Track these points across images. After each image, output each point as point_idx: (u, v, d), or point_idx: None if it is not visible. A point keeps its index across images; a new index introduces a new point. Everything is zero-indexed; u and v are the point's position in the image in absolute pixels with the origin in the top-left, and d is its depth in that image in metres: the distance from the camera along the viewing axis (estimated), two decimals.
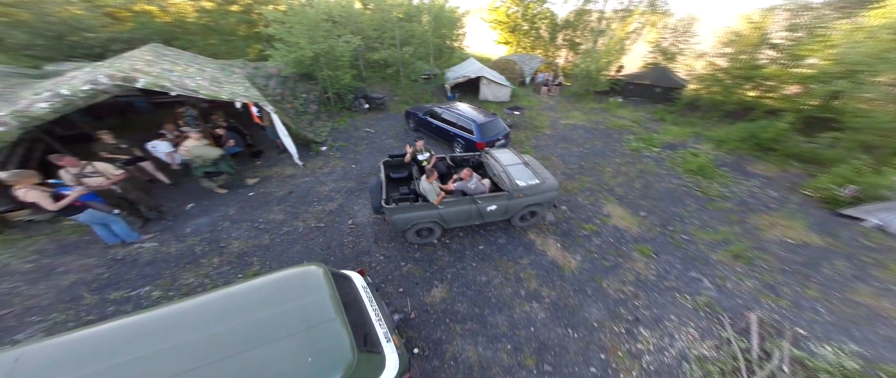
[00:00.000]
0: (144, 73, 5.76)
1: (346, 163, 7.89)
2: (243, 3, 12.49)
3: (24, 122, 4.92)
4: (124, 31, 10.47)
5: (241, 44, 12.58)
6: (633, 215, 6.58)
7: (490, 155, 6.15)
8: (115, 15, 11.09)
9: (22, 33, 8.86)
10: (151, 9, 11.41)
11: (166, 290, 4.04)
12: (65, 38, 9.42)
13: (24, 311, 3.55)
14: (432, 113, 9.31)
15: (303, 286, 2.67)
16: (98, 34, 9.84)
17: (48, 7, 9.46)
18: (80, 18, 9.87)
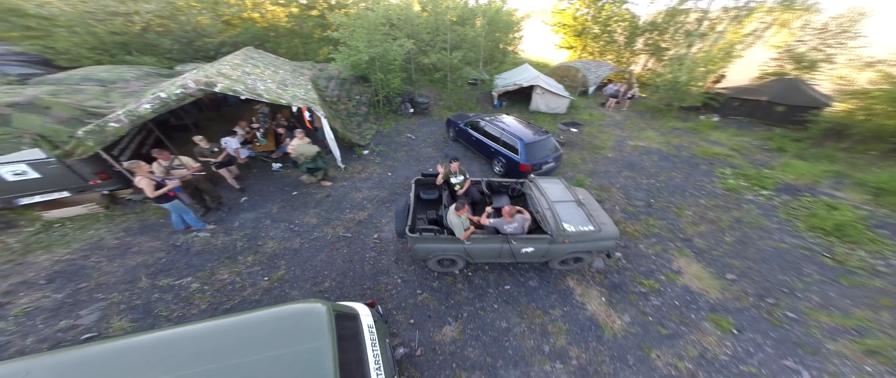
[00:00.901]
0: (226, 76, 6.28)
1: (383, 170, 7.77)
2: (321, 7, 13.29)
3: (133, 120, 5.69)
4: (232, 36, 12.01)
5: (315, 46, 13.50)
6: (714, 277, 5.14)
7: (535, 185, 5.31)
8: (229, 22, 12.79)
9: (168, 41, 10.72)
10: (254, 16, 12.88)
11: (203, 283, 4.30)
12: (192, 44, 11.13)
13: (96, 286, 4.10)
14: (473, 124, 8.60)
15: (302, 329, 2.46)
16: (214, 39, 11.44)
17: (187, 18, 11.29)
18: (205, 26, 11.57)
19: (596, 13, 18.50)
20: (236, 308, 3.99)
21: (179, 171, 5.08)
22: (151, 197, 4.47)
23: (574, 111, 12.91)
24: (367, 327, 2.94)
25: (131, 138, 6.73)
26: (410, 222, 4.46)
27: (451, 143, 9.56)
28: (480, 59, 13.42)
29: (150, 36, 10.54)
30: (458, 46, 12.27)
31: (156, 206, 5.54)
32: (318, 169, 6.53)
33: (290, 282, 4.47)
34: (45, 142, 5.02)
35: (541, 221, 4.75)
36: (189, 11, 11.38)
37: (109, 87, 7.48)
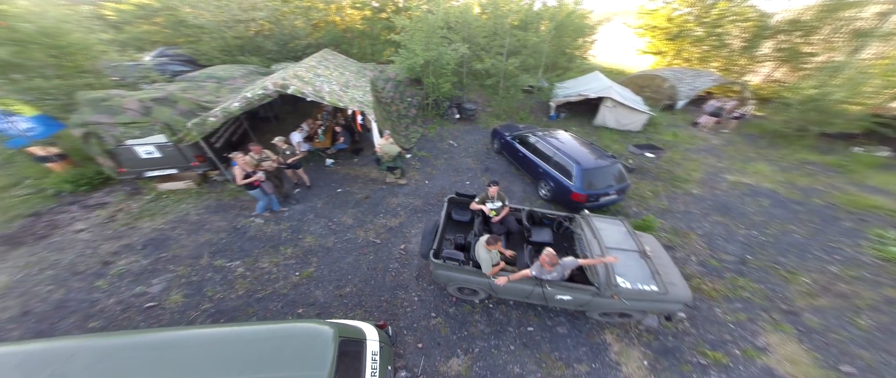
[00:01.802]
0: (300, 78, 6.65)
1: (422, 176, 7.53)
2: (390, 10, 13.49)
3: (226, 115, 6.46)
4: (317, 38, 13.04)
5: (381, 47, 13.85)
6: (820, 365, 3.83)
7: (588, 223, 4.43)
8: (316, 25, 13.89)
9: (270, 44, 12.18)
10: (336, 19, 13.77)
11: (247, 268, 4.64)
12: (287, 45, 12.43)
13: (171, 257, 4.74)
14: (522, 138, 7.63)
15: (303, 353, 2.35)
16: (302, 41, 12.58)
17: (287, 22, 12.63)
18: (297, 30, 12.78)
19: (701, 13, 15.01)
20: (266, 299, 4.19)
21: (267, 163, 5.50)
22: (239, 184, 4.95)
23: (653, 130, 10.79)
24: (371, 355, 2.75)
25: (226, 128, 7.71)
26: (436, 245, 4.09)
27: (494, 156, 8.81)
28: (541, 66, 12.08)
29: (259, 39, 12.06)
30: (516, 52, 11.21)
31: (232, 189, 6.26)
32: (397, 168, 6.70)
33: (317, 280, 4.55)
34: (168, 129, 5.99)
35: (588, 270, 3.91)
36: (289, 17, 12.70)
37: (222, 84, 8.68)
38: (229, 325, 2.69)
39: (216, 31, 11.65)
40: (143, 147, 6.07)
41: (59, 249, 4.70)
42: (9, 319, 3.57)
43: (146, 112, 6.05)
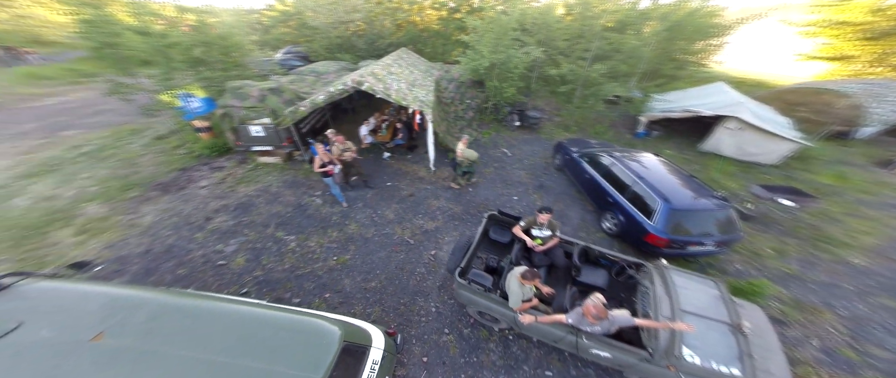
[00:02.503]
0: (375, 75, 6.81)
1: (467, 183, 6.96)
2: (464, 10, 12.91)
3: (313, 106, 7.10)
4: (398, 38, 13.45)
5: (451, 47, 13.42)
6: None
7: (663, 276, 3.48)
8: (400, 25, 14.33)
9: (361, 42, 13.15)
10: (416, 19, 13.93)
11: (298, 244, 5.03)
12: (373, 44, 13.20)
13: (249, 222, 5.45)
14: (593, 158, 6.28)
15: (303, 351, 2.29)
16: (386, 40, 13.16)
17: (377, 23, 13.42)
18: (383, 30, 13.43)
19: None
20: (304, 277, 4.44)
21: (347, 154, 5.68)
22: (316, 170, 5.26)
23: (800, 166, 7.89)
24: (371, 363, 2.59)
25: (312, 117, 8.53)
26: (464, 263, 3.68)
27: (553, 173, 7.64)
28: (635, 74, 9.91)
29: (353, 38, 13.11)
30: (605, 57, 9.40)
31: (307, 169, 6.92)
32: (470, 172, 6.53)
33: (350, 269, 4.63)
34: (272, 114, 6.93)
35: (643, 331, 3.03)
36: (379, 18, 13.43)
37: (319, 78, 9.68)
38: (255, 305, 2.81)
39: (325, 30, 13.10)
40: (254, 126, 7.17)
41: (185, 201, 5.92)
42: (136, 254, 4.60)
43: (262, 99, 7.10)
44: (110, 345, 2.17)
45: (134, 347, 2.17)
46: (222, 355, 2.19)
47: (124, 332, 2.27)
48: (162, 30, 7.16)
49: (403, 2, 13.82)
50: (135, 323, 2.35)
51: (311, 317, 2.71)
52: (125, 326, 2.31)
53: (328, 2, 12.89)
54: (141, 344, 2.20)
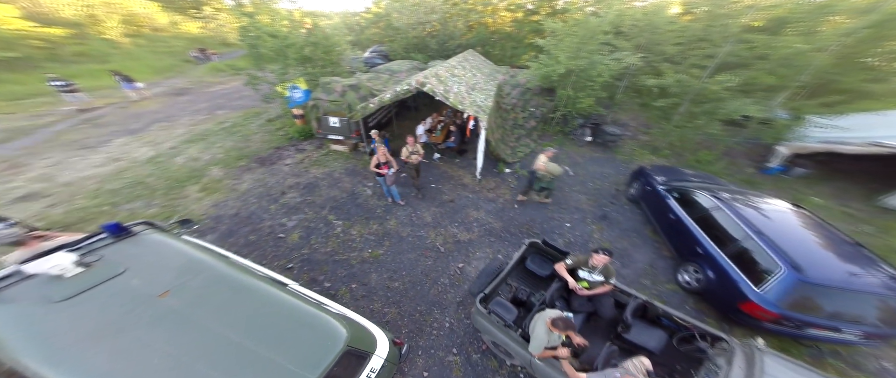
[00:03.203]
0: (438, 77, 6.64)
1: (512, 198, 6.27)
2: (543, 12, 11.46)
3: (380, 104, 7.35)
4: (468, 39, 12.95)
5: (521, 51, 12.18)
6: None
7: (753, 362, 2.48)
8: (471, 26, 13.76)
9: (434, 43, 13.17)
10: (488, 21, 13.13)
11: (342, 230, 5.26)
12: (444, 44, 13.05)
13: (310, 202, 5.95)
14: (686, 194, 4.80)
15: (307, 347, 2.23)
16: (456, 41, 12.83)
17: (451, 24, 13.22)
18: (454, 31, 13.10)
19: None
20: (339, 263, 4.59)
21: (415, 156, 5.39)
22: (371, 169, 5.16)
23: None
24: (369, 370, 2.46)
25: (380, 113, 8.86)
26: (490, 290, 3.26)
27: (622, 203, 6.27)
28: (789, 87, 7.22)
29: (427, 39, 13.21)
30: (739, 65, 7.15)
31: (366, 161, 7.26)
32: (550, 189, 5.86)
33: (379, 264, 4.63)
34: (348, 108, 7.49)
35: None
36: (453, 19, 13.17)
37: (393, 76, 10.06)
38: (285, 288, 2.83)
39: (405, 31, 13.56)
40: (332, 118, 7.85)
41: (272, 174, 6.86)
42: (228, 215, 5.46)
43: (343, 94, 7.71)
44: (168, 304, 2.35)
45: (181, 311, 2.32)
46: (241, 336, 2.22)
47: (181, 294, 2.44)
48: (286, 31, 8.37)
49: (477, 3, 13.26)
50: (191, 287, 2.51)
51: (326, 312, 2.63)
52: (184, 289, 2.48)
53: (412, 4, 13.24)
54: (188, 309, 2.35)
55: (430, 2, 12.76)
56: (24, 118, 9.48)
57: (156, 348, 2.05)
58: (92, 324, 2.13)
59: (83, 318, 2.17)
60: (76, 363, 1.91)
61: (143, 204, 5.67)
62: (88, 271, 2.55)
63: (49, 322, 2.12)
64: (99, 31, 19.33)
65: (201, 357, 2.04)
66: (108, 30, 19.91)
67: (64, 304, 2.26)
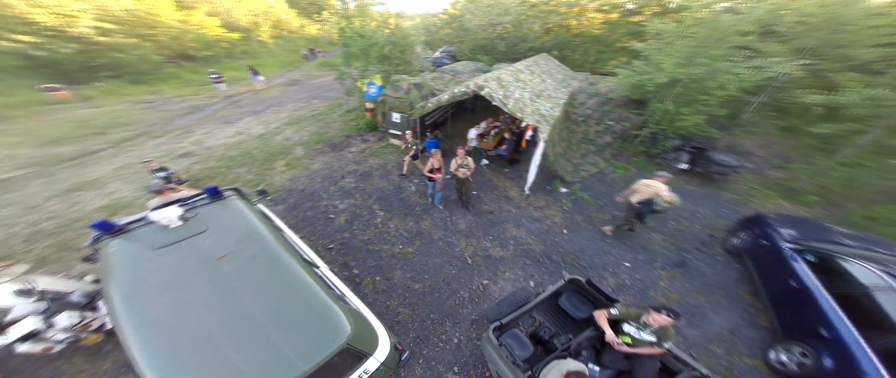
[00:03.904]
0: (499, 81, 6.19)
1: (562, 222, 5.38)
2: (648, 12, 9.25)
3: (438, 104, 7.26)
4: (542, 42, 11.58)
5: (610, 56, 10.16)
6: None
7: None
8: (549, 29, 12.26)
9: (503, 45, 12.31)
10: (572, 23, 11.44)
11: (382, 221, 5.37)
12: (514, 47, 12.04)
13: (362, 189, 6.24)
14: (825, 260, 3.42)
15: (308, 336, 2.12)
16: (527, 44, 11.64)
17: (525, 26, 12.11)
18: (527, 33, 11.91)
19: None
20: (371, 253, 4.65)
21: (463, 170, 4.93)
22: (425, 172, 5.01)
23: None
24: (362, 371, 2.34)
25: (437, 112, 8.76)
26: (508, 319, 2.86)
27: (714, 253, 4.77)
28: None
29: (496, 40, 12.43)
30: None
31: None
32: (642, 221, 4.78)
33: (405, 262, 4.54)
34: (409, 106, 7.67)
35: None
36: (529, 21, 11.99)
37: (455, 77, 9.88)
38: (310, 270, 2.70)
39: (475, 32, 13.07)
40: (395, 114, 8.14)
41: (338, 159, 7.51)
42: (297, 190, 6.13)
43: (407, 92, 7.93)
44: (221, 268, 2.47)
45: (228, 277, 2.42)
46: (261, 313, 2.20)
47: (234, 261, 2.54)
48: (371, 32, 8.99)
49: (560, 4, 11.75)
50: (243, 257, 2.60)
51: (339, 305, 2.47)
52: (237, 257, 2.58)
53: (486, 5, 12.62)
54: (233, 276, 2.43)
55: (504, 3, 11.94)
56: (199, 99, 12.70)
57: (197, 308, 2.22)
58: (166, 276, 2.41)
59: (163, 269, 2.47)
60: (139, 309, 2.17)
61: (245, 170, 6.90)
62: (184, 225, 2.92)
63: (142, 266, 2.49)
64: (257, 35, 24.61)
65: (224, 325, 2.14)
66: (263, 33, 25.18)
67: (158, 251, 2.62)
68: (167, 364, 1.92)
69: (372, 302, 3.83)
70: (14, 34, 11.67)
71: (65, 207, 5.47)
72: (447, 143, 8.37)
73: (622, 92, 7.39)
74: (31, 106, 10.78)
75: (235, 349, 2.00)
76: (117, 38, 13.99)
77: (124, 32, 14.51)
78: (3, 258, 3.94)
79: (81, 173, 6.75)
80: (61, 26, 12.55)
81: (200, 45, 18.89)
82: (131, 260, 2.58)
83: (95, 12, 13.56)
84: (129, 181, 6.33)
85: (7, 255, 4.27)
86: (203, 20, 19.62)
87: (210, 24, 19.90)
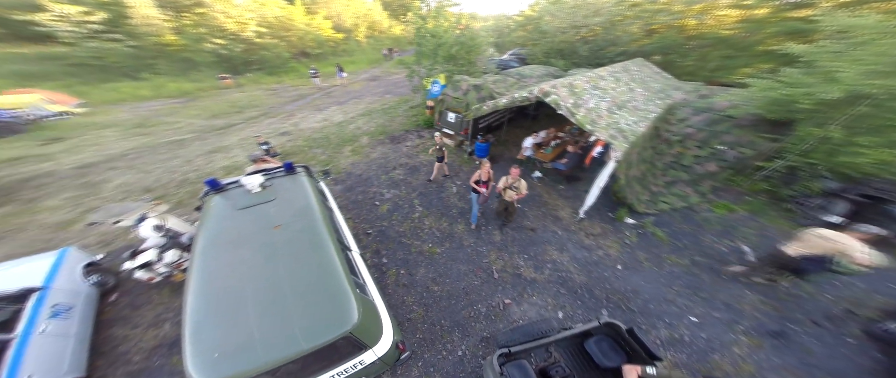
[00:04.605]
0: (570, 87, 5.57)
1: (618, 255, 4.46)
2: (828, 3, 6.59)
3: (494, 108, 6.85)
4: (640, 46, 9.56)
5: (743, 61, 7.64)
6: None
7: None
8: (652, 30, 10.03)
9: (585, 49, 10.73)
10: (689, 23, 9.05)
11: (419, 217, 5.40)
12: (599, 51, 10.35)
13: (408, 182, 6.38)
14: None
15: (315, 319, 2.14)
16: (618, 48, 9.79)
17: (620, 28, 10.27)
18: (619, 37, 10.01)
19: None
20: (403, 245, 4.72)
21: (510, 193, 4.28)
22: (470, 182, 4.49)
23: None
24: (357, 361, 2.34)
25: (492, 116, 8.28)
26: (520, 348, 2.54)
27: (841, 333, 3.35)
28: None
29: (577, 44, 10.91)
30: None
31: (465, 159, 7.13)
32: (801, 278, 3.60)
33: (432, 261, 4.46)
34: (466, 107, 7.52)
35: None
36: (625, 21, 10.10)
37: (520, 80, 9.18)
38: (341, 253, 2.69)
39: (552, 35, 11.79)
40: (451, 113, 8.08)
41: (394, 151, 7.88)
42: (355, 174, 6.67)
43: (466, 93, 7.77)
44: (274, 236, 2.70)
45: (276, 246, 2.55)
46: (288, 286, 2.29)
47: (285, 231, 2.75)
48: (442, 31, 9.09)
49: (675, 1, 9.50)
50: (292, 229, 2.74)
51: (355, 293, 2.38)
52: (288, 229, 2.73)
53: (570, 6, 11.19)
54: (280, 246, 2.57)
55: (594, 3, 10.32)
56: (304, 90, 15.19)
57: (244, 269, 2.44)
58: (235, 234, 2.77)
59: (235, 228, 2.84)
60: (209, 259, 2.53)
61: (321, 151, 7.91)
62: (261, 192, 3.39)
63: (224, 222, 2.96)
64: (355, 35, 28.08)
65: (256, 291, 2.29)
66: (359, 33, 28.57)
67: (238, 212, 3.10)
68: (203, 312, 2.15)
69: (391, 294, 3.88)
70: (214, 38, 15.98)
71: (205, 164, 7.28)
72: (499, 149, 7.90)
73: (752, 108, 5.56)
74: (209, 90, 14.75)
75: (256, 315, 2.15)
76: (267, 40, 17.81)
77: (271, 35, 18.38)
78: (158, 198, 5.47)
79: (220, 140, 8.88)
80: (237, 31, 16.62)
81: (315, 44, 22.50)
82: (219, 215, 3.10)
83: (258, 20, 17.51)
84: (245, 149, 8.00)
85: (164, 195, 5.92)
86: (321, 23, 23.27)
87: (324, 27, 23.49)
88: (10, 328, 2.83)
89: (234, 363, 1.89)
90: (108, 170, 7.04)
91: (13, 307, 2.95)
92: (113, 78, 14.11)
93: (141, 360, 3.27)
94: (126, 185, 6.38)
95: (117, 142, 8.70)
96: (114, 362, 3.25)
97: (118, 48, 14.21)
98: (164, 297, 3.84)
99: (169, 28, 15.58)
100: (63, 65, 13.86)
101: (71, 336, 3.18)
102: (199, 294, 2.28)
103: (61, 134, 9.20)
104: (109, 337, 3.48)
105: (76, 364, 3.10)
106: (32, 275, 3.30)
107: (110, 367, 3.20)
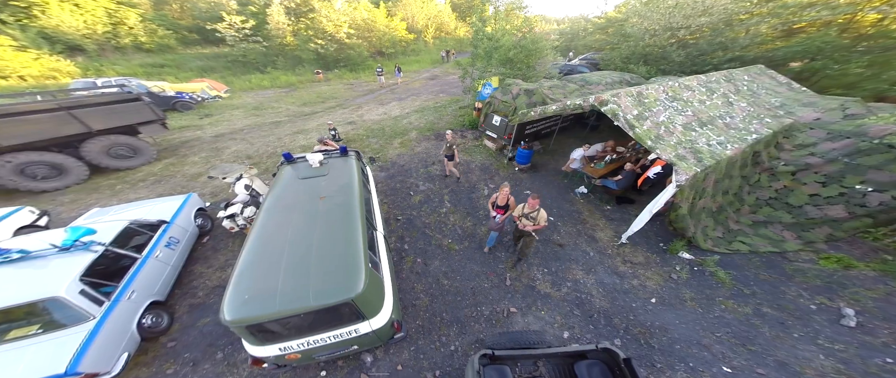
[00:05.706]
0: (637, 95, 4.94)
1: (657, 289, 3.79)
2: None
3: (541, 114, 6.41)
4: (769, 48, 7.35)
5: None
6: None
7: None
8: (794, 30, 7.64)
9: (680, 54, 8.86)
10: (862, 20, 6.62)
11: (446, 212, 5.48)
12: (700, 56, 8.43)
13: (443, 178, 6.47)
14: None
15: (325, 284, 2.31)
16: (726, 54, 7.74)
17: (738, 27, 8.19)
18: (742, 38, 7.91)
19: None
20: (424, 236, 4.88)
21: (526, 222, 3.69)
22: (488, 203, 4.32)
23: None
24: (352, 329, 2.51)
25: (541, 122, 7.69)
26: (506, 353, 2.45)
27: None
28: None
29: (670, 49, 9.09)
30: None
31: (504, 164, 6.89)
32: None
33: (448, 257, 4.49)
34: (513, 112, 7.25)
35: None
36: (751, 20, 7.95)
37: (582, 87, 8.28)
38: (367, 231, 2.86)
39: (638, 38, 10.11)
40: (496, 117, 7.86)
41: (437, 147, 8.08)
42: (398, 164, 7.11)
43: (516, 97, 7.46)
44: (317, 205, 3.11)
45: (317, 214, 2.88)
46: (318, 253, 2.51)
47: (327, 203, 3.16)
48: (499, 34, 8.88)
49: None
50: (333, 202, 3.10)
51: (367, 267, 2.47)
52: (330, 200, 3.13)
53: (669, 5, 9.34)
54: (320, 215, 2.88)
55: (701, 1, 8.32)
56: (373, 85, 16.81)
57: (288, 229, 2.82)
58: (291, 199, 3.30)
59: (294, 194, 3.40)
60: (269, 218, 3.01)
61: (376, 140, 8.70)
62: (319, 167, 4.02)
63: (287, 188, 3.55)
64: (425, 36, 29.64)
65: (292, 250, 2.58)
66: (428, 34, 30.02)
67: (298, 181, 3.71)
68: (249, 262, 2.48)
69: (404, 279, 4.08)
70: (317, 39, 19.12)
71: (289, 141, 8.84)
72: (544, 157, 7.35)
73: None
74: (306, 83, 17.73)
75: (285, 271, 2.39)
76: (353, 40, 20.36)
77: (357, 35, 20.89)
78: (253, 164, 6.84)
79: (303, 124, 10.62)
80: (333, 32, 19.48)
81: (389, 43, 24.63)
82: (285, 183, 3.74)
83: (349, 22, 20.17)
84: (318, 132, 9.39)
85: (258, 162, 7.42)
86: (398, 24, 25.31)
87: (400, 28, 25.47)
88: (140, 250, 3.44)
89: (256, 307, 2.14)
90: (230, 140, 9.23)
91: (149, 234, 3.73)
92: (249, 71, 18.37)
93: (203, 295, 3.70)
94: (238, 152, 8.26)
95: (240, 120, 11.29)
96: (185, 294, 3.69)
97: (257, 48, 18.38)
98: (236, 246, 4.57)
99: (289, 31, 19.25)
100: (223, 61, 18.75)
101: (170, 265, 3.66)
102: (251, 246, 2.69)
103: (211, 112, 12.41)
104: (191, 272, 3.98)
105: (163, 289, 3.51)
106: (166, 211, 4.25)
107: (182, 298, 3.65)
